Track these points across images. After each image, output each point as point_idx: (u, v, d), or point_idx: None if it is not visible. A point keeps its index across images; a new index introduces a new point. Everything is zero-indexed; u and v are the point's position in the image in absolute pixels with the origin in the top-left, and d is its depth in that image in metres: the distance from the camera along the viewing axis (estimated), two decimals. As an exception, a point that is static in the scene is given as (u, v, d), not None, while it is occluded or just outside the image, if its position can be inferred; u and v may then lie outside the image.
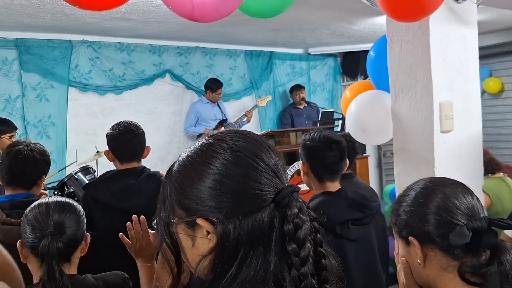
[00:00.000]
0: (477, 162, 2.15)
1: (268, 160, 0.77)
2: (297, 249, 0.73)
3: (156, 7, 3.75)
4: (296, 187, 0.77)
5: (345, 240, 1.73)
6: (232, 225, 0.73)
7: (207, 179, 0.74)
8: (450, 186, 1.12)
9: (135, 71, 5.00)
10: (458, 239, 1.03)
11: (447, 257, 1.08)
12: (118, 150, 2.19)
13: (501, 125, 6.18)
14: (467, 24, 2.10)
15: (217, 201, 0.74)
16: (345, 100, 2.71)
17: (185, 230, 0.77)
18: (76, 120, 4.67)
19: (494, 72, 6.32)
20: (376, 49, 2.49)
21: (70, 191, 3.66)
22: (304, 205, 0.77)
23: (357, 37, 5.59)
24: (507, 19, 5.03)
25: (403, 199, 1.17)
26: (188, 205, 0.76)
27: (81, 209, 1.49)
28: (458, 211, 1.07)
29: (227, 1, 1.33)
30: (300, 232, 0.73)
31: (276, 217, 0.74)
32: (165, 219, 0.80)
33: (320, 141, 1.84)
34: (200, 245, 0.76)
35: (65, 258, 1.39)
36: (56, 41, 4.46)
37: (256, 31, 4.91)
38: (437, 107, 2.01)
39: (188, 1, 1.26)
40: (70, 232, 1.39)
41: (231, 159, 0.75)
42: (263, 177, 0.75)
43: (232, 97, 5.77)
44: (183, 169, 0.78)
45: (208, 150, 0.77)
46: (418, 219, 1.11)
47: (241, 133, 0.80)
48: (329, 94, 6.70)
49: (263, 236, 0.74)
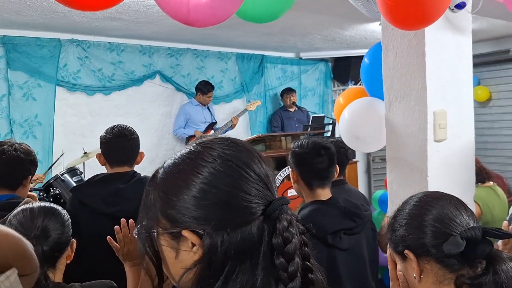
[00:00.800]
0: (469, 171, 2.16)
1: (259, 171, 0.75)
2: (285, 264, 0.70)
3: (148, 8, 3.71)
4: (287, 199, 0.75)
5: (336, 250, 1.72)
6: (220, 238, 0.69)
7: (195, 189, 0.71)
8: (444, 199, 1.12)
9: (125, 72, 4.94)
10: (452, 248, 1.03)
11: (443, 270, 1.08)
12: (109, 154, 2.15)
13: (488, 134, 6.25)
14: (461, 33, 2.10)
15: (205, 213, 0.70)
16: (338, 106, 2.70)
17: (169, 242, 0.73)
18: (64, 120, 4.59)
19: (482, 80, 6.40)
20: (370, 56, 2.48)
21: (56, 192, 3.60)
22: (293, 218, 0.75)
23: (349, 42, 5.61)
24: (496, 29, 5.10)
25: (398, 214, 1.17)
26: (173, 215, 0.72)
27: (66, 213, 1.47)
28: (453, 222, 1.07)
29: (223, 6, 1.30)
30: (290, 246, 0.71)
31: (265, 230, 0.72)
32: (148, 228, 0.76)
33: (309, 148, 1.83)
34: (184, 258, 0.72)
35: (50, 263, 1.37)
36: (45, 40, 4.38)
37: (248, 34, 4.90)
38: (431, 116, 2.01)
39: (183, 5, 1.23)
40: (54, 235, 1.37)
41: (221, 169, 0.72)
42: (253, 189, 0.72)
43: (222, 100, 5.75)
44: (169, 177, 0.74)
45: (197, 158, 0.73)
46: (414, 232, 1.11)
47: (231, 141, 0.77)
48: (319, 99, 6.71)
49: (252, 250, 0.71)
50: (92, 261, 1.95)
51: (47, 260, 1.34)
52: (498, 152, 6.25)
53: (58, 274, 1.40)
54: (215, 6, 1.24)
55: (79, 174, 3.77)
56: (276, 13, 1.54)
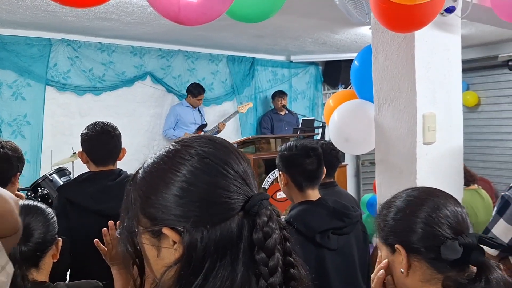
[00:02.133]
0: (457, 174, 2.17)
1: (237, 167, 0.75)
2: (266, 259, 0.71)
3: (140, 8, 3.70)
4: (266, 194, 0.75)
5: (325, 250, 1.73)
6: (199, 235, 0.70)
7: (174, 187, 0.71)
8: (440, 197, 1.12)
9: (115, 72, 4.92)
10: (450, 254, 1.03)
11: (431, 269, 1.08)
12: (93, 152, 2.11)
13: (476, 138, 6.33)
14: (451, 37, 2.12)
15: (184, 210, 0.71)
16: (328, 108, 2.71)
17: (150, 240, 0.74)
18: (53, 120, 4.55)
19: (471, 86, 6.48)
20: (360, 59, 2.50)
21: (44, 192, 3.56)
22: (274, 213, 0.75)
23: (339, 46, 5.64)
24: (485, 35, 5.16)
25: (393, 206, 1.16)
26: (153, 213, 0.72)
27: (51, 212, 1.43)
28: (446, 224, 1.07)
29: (214, 5, 1.30)
30: (270, 241, 0.71)
31: (245, 226, 0.72)
32: (129, 228, 0.76)
33: (297, 150, 1.85)
34: (166, 256, 0.73)
35: (32, 263, 1.34)
36: (35, 39, 4.35)
37: (239, 36, 4.90)
38: (420, 119, 2.02)
39: (174, 3, 1.23)
40: (37, 235, 1.33)
41: (199, 166, 0.73)
42: (232, 185, 0.73)
43: (213, 102, 5.74)
44: (148, 176, 0.75)
45: (175, 157, 0.74)
46: (407, 228, 1.11)
47: (209, 139, 0.78)
48: (309, 102, 6.73)
49: (231, 245, 0.71)
50: (82, 259, 1.93)
51: (27, 260, 1.30)
52: (486, 157, 6.33)
53: (43, 274, 1.37)
54: (206, 5, 1.24)
55: (67, 174, 3.74)
56: (266, 14, 1.54)
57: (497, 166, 6.20)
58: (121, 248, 0.79)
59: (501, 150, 6.21)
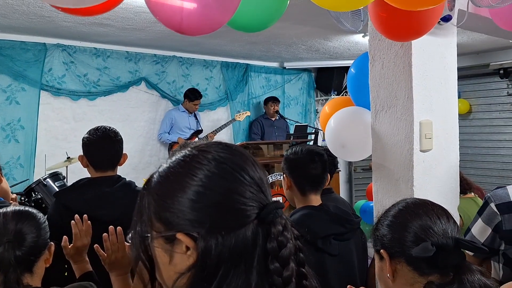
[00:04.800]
0: (453, 181, 2.20)
1: (253, 174, 0.75)
2: (280, 269, 0.70)
3: (135, 15, 3.71)
4: (281, 203, 0.75)
5: (326, 255, 1.74)
6: (214, 241, 0.69)
7: (190, 191, 0.70)
8: (429, 207, 1.17)
9: (110, 78, 4.93)
10: (420, 252, 1.06)
11: (413, 272, 1.12)
12: (94, 157, 2.09)
13: (468, 146, 6.40)
14: (447, 45, 2.16)
15: (199, 215, 0.70)
16: (324, 115, 2.73)
17: (163, 246, 0.72)
18: (47, 125, 4.54)
19: (463, 93, 6.56)
20: (356, 66, 2.52)
21: (38, 197, 3.54)
22: (288, 222, 0.75)
23: (332, 53, 5.69)
24: (477, 43, 5.25)
25: (384, 216, 1.22)
26: (168, 218, 0.71)
27: (42, 217, 1.43)
28: (431, 230, 1.11)
29: (216, 16, 1.32)
30: (284, 250, 0.71)
31: (259, 234, 0.71)
32: (142, 233, 0.75)
33: (303, 154, 1.87)
34: (178, 262, 0.71)
35: (26, 268, 1.34)
36: (30, 43, 4.35)
37: (233, 43, 4.93)
38: (417, 126, 2.05)
39: (177, 13, 1.25)
40: (30, 239, 1.33)
41: (216, 171, 0.72)
42: (248, 191, 0.72)
43: (207, 108, 5.76)
44: (164, 180, 0.74)
45: (192, 161, 0.73)
46: (393, 234, 1.16)
47: (226, 145, 0.78)
48: (302, 108, 6.78)
49: (246, 253, 0.70)
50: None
51: (21, 265, 1.30)
52: (478, 164, 6.40)
53: (36, 278, 1.37)
54: (208, 15, 1.26)
55: (62, 179, 3.72)
56: (265, 23, 1.56)
57: (489, 174, 6.28)
58: (132, 253, 0.77)
59: (492, 158, 6.29)
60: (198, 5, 1.25)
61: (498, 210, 1.65)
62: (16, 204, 2.00)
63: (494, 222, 1.66)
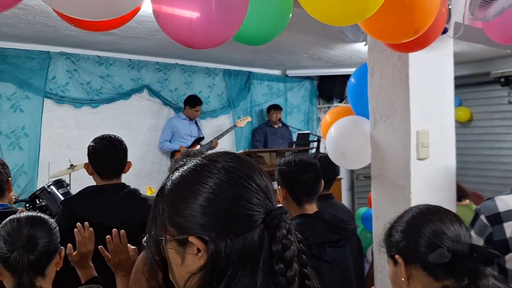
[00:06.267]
0: (450, 189, 2.23)
1: (259, 182, 0.80)
2: (284, 269, 0.75)
3: (139, 23, 3.76)
4: (285, 209, 0.80)
5: (321, 262, 1.76)
6: (223, 244, 0.74)
7: (201, 198, 0.76)
8: (442, 213, 1.21)
9: (113, 85, 4.97)
10: (437, 258, 1.10)
11: (429, 277, 1.15)
12: (99, 165, 2.14)
13: (469, 153, 6.41)
14: (444, 56, 2.20)
15: (210, 220, 0.75)
16: (325, 123, 2.77)
17: (176, 248, 0.78)
18: (50, 132, 4.58)
19: (464, 101, 6.59)
20: (356, 77, 2.57)
21: (42, 204, 3.58)
22: (292, 226, 0.80)
23: (334, 61, 5.73)
24: (477, 52, 5.28)
25: (398, 222, 1.25)
26: (181, 223, 0.77)
27: (53, 222, 1.49)
28: (445, 235, 1.14)
29: (223, 30, 1.36)
30: (288, 252, 0.76)
31: (265, 238, 0.76)
32: (156, 236, 0.81)
33: (296, 165, 1.90)
34: (190, 263, 0.77)
35: (39, 271, 1.39)
36: (34, 52, 4.40)
37: (235, 51, 4.98)
38: (414, 135, 2.08)
39: (185, 28, 1.29)
40: (42, 244, 1.39)
41: (225, 179, 0.78)
42: (254, 198, 0.77)
43: (209, 115, 5.80)
44: (177, 188, 0.80)
45: (203, 170, 0.79)
46: (408, 240, 1.19)
47: (234, 155, 0.83)
48: (304, 116, 6.80)
49: (253, 255, 0.75)
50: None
51: (34, 268, 1.36)
52: (479, 172, 6.41)
53: (48, 281, 1.42)
54: (216, 30, 1.30)
55: (65, 186, 3.76)
56: (268, 37, 1.60)
57: (490, 181, 6.29)
58: (147, 255, 0.83)
59: (493, 165, 6.30)
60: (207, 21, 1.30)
61: (488, 222, 1.69)
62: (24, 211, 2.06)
63: (485, 233, 1.69)
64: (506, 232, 1.65)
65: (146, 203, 2.10)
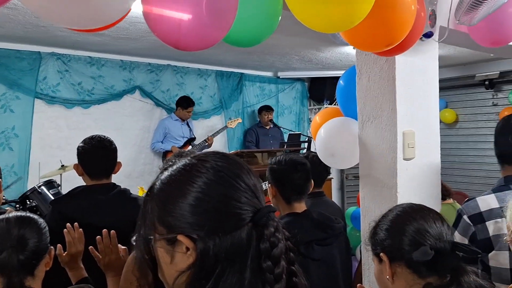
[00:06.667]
0: (435, 188, 2.28)
1: (248, 181, 0.82)
2: (272, 267, 0.77)
3: (130, 24, 3.78)
4: (273, 207, 0.84)
5: (309, 260, 1.80)
6: (212, 242, 0.75)
7: (190, 197, 0.77)
8: (425, 212, 1.25)
9: (105, 86, 4.97)
10: (420, 256, 1.14)
11: (413, 275, 1.19)
12: (89, 166, 2.14)
13: (455, 154, 6.52)
14: (429, 60, 2.25)
15: (198, 218, 0.76)
16: (315, 124, 2.80)
17: (165, 247, 0.79)
18: (41, 133, 4.57)
19: (450, 103, 6.71)
20: (345, 79, 2.61)
21: (33, 205, 3.58)
22: (279, 224, 0.82)
23: (324, 64, 5.79)
24: (462, 55, 5.37)
25: (382, 220, 1.29)
26: (170, 222, 0.78)
27: (43, 222, 1.49)
28: (428, 234, 1.18)
29: (212, 33, 1.39)
30: (276, 250, 0.78)
31: (253, 236, 0.78)
32: (145, 235, 0.81)
33: (286, 164, 1.94)
34: (179, 261, 0.78)
35: (29, 271, 1.39)
36: (25, 52, 4.39)
37: (227, 52, 5.01)
38: (401, 136, 2.13)
39: (175, 31, 1.32)
40: (32, 244, 1.39)
41: (213, 179, 0.79)
42: (243, 197, 0.79)
43: (201, 116, 5.82)
44: (166, 187, 0.81)
45: (192, 170, 0.80)
46: (392, 238, 1.23)
47: (223, 155, 0.85)
48: (296, 117, 6.86)
49: (241, 253, 0.77)
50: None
51: (24, 268, 1.36)
52: (464, 172, 6.52)
53: (37, 282, 1.42)
54: (205, 32, 1.33)
55: (56, 186, 3.76)
56: (258, 39, 1.63)
57: (475, 181, 6.40)
58: (136, 254, 0.85)
59: (478, 166, 6.41)
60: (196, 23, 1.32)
61: (471, 221, 1.73)
62: (12, 211, 2.06)
63: (469, 233, 1.73)
64: (489, 230, 1.69)
65: (137, 203, 2.10)
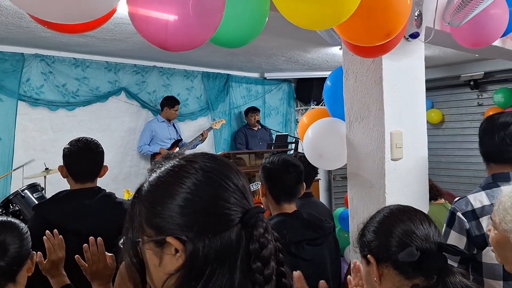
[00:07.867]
0: (423, 188, 2.29)
1: (237, 182, 0.81)
2: (261, 268, 0.76)
3: (116, 26, 3.74)
4: (262, 208, 0.82)
5: (299, 260, 1.80)
6: (201, 244, 0.75)
7: (179, 198, 0.76)
8: (412, 213, 1.24)
9: (89, 88, 4.92)
10: (406, 257, 1.13)
11: (400, 276, 1.18)
12: (74, 168, 2.09)
13: (441, 154, 6.59)
14: (415, 60, 2.26)
15: (188, 220, 0.75)
16: (302, 125, 2.80)
17: (153, 249, 0.78)
18: (24, 135, 4.49)
19: (436, 104, 6.78)
20: (332, 79, 2.61)
21: (16, 209, 3.51)
22: (269, 225, 0.81)
23: (311, 65, 5.81)
24: (448, 56, 5.43)
25: (370, 222, 1.29)
26: (158, 223, 0.77)
27: (25, 227, 1.45)
28: (414, 235, 1.18)
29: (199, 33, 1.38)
30: (265, 251, 0.77)
31: (242, 237, 0.77)
32: (133, 238, 0.80)
33: (279, 164, 1.93)
34: (168, 264, 0.76)
35: (10, 278, 1.36)
36: (7, 53, 4.32)
37: (214, 53, 4.99)
38: (388, 136, 2.14)
39: (161, 31, 1.30)
40: (13, 250, 1.35)
41: (202, 179, 0.78)
42: (232, 197, 0.78)
43: (187, 117, 5.79)
44: (154, 189, 0.79)
45: (181, 171, 0.79)
46: (379, 239, 1.22)
47: (212, 156, 0.84)
48: (283, 118, 6.87)
49: (230, 254, 0.76)
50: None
51: (5, 274, 1.33)
52: (451, 172, 6.59)
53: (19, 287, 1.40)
54: (192, 32, 1.32)
55: (40, 190, 3.70)
56: (245, 40, 1.62)
57: (461, 181, 6.47)
58: (124, 258, 0.82)
59: (465, 165, 6.49)
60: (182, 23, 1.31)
61: (466, 218, 1.74)
62: None
63: (465, 230, 1.74)
64: (483, 227, 1.70)
65: (122, 207, 2.06)
